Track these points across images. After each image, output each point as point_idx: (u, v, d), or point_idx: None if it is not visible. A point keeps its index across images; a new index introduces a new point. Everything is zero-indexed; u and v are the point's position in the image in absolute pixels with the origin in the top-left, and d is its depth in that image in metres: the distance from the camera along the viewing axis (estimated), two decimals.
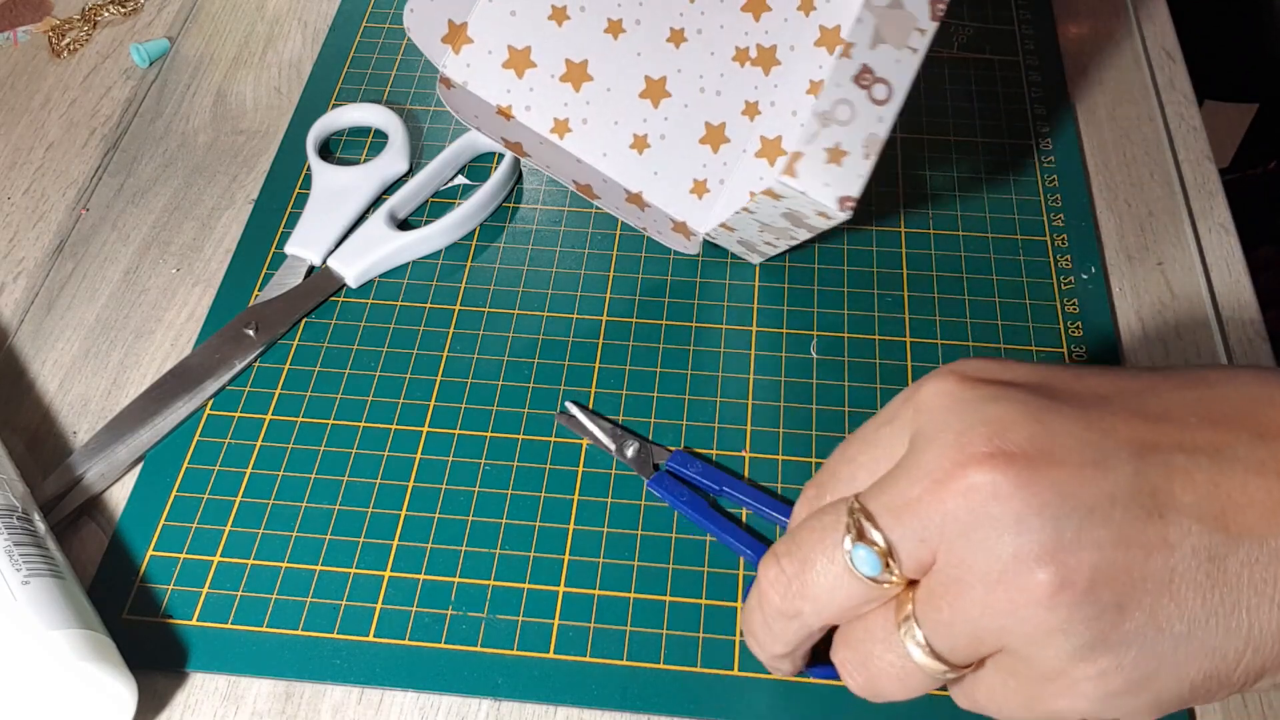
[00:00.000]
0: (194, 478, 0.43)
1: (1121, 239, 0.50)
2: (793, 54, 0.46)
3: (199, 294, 0.49)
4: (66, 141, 0.56)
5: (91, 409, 0.45)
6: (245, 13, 0.62)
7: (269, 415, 0.44)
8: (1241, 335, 0.47)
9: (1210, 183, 0.52)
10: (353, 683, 0.38)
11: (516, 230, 0.51)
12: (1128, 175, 0.53)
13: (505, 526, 0.41)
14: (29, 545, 0.37)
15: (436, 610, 0.39)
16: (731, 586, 0.40)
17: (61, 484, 0.42)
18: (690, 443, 0.43)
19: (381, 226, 0.49)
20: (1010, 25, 0.59)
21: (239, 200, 0.53)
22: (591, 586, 0.40)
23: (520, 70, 0.45)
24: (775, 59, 0.46)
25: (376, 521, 0.41)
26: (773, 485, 0.42)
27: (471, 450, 0.43)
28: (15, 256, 0.51)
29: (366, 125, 0.55)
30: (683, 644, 0.38)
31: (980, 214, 0.50)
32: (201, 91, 0.58)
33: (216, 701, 0.38)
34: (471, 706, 0.38)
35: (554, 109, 0.46)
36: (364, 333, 0.47)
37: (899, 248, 0.49)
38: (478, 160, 0.53)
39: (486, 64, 0.45)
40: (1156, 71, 0.57)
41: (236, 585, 0.40)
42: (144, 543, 0.41)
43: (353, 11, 0.61)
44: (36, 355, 0.47)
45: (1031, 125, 0.54)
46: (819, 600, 0.29)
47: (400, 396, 0.45)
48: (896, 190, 0.51)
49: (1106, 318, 0.47)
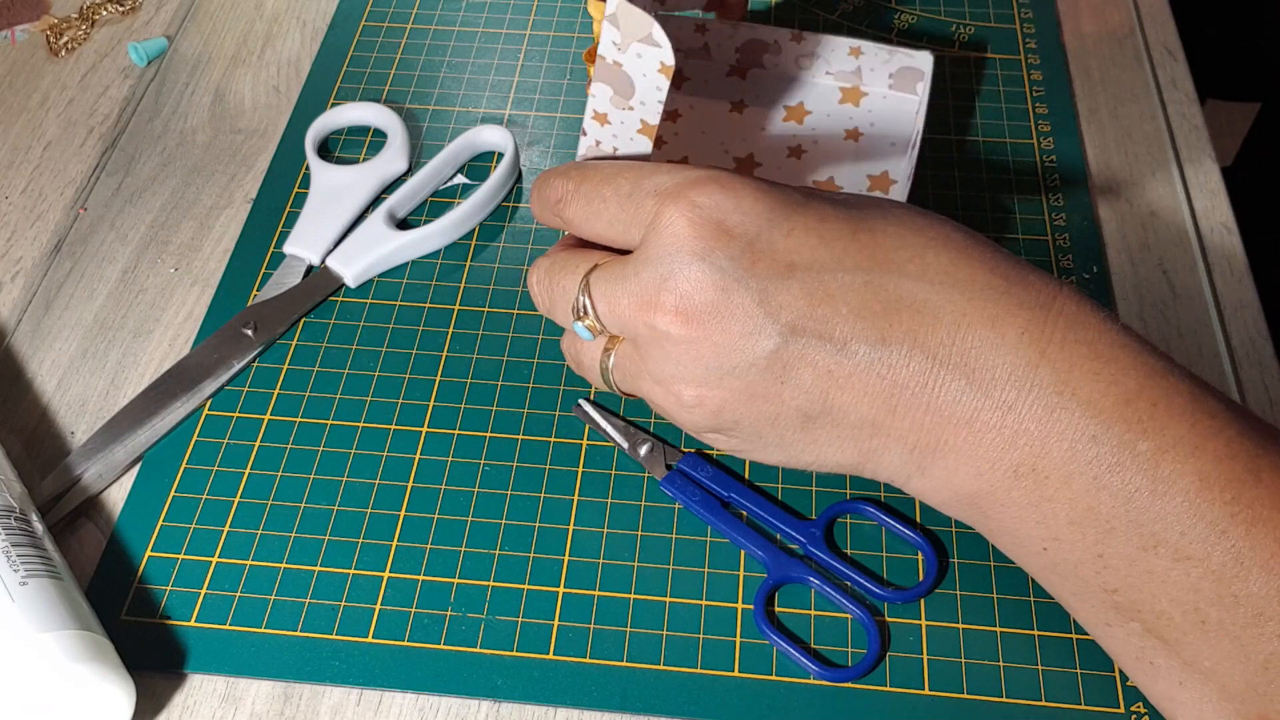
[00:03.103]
0: (192, 478, 0.43)
1: (1123, 238, 0.50)
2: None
3: (197, 293, 0.49)
4: (64, 140, 0.55)
5: (89, 409, 0.45)
6: (244, 11, 0.62)
7: (267, 415, 0.44)
8: (1244, 335, 0.46)
9: (1212, 182, 0.52)
10: (352, 684, 0.38)
11: (516, 230, 0.51)
12: (1130, 174, 0.52)
13: (505, 527, 0.41)
14: (27, 546, 0.37)
15: (436, 611, 0.39)
16: (732, 587, 0.40)
17: (59, 484, 0.42)
18: (690, 443, 0.43)
19: (380, 226, 0.49)
20: (1012, 24, 0.59)
21: (237, 199, 0.52)
22: (591, 587, 0.40)
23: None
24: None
25: (375, 522, 0.41)
26: (773, 486, 0.42)
27: (471, 450, 0.43)
28: (13, 256, 0.51)
29: (365, 124, 0.55)
30: (683, 645, 0.38)
31: (981, 213, 0.50)
32: (200, 90, 0.57)
33: (215, 703, 0.38)
34: (471, 708, 0.38)
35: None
36: (363, 332, 0.47)
37: None
38: (477, 160, 0.53)
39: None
40: (1158, 70, 0.57)
41: (235, 586, 0.40)
42: (142, 543, 0.41)
43: (352, 10, 0.60)
44: (34, 355, 0.47)
45: (1033, 124, 0.54)
46: (558, 318, 0.39)
47: (399, 397, 0.45)
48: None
49: None
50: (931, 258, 0.34)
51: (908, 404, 0.33)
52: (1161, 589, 0.31)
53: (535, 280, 0.39)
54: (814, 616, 0.39)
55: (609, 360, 0.38)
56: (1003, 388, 0.32)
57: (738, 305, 0.34)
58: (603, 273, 0.37)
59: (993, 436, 0.32)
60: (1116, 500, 0.31)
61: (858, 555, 0.40)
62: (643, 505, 0.42)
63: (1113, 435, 0.31)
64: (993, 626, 0.39)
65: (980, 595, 0.39)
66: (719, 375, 0.34)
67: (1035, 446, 0.32)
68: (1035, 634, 0.38)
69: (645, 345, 0.36)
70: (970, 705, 0.37)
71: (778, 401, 0.34)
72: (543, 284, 0.39)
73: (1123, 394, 0.32)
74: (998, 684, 0.37)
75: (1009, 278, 0.33)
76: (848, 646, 0.38)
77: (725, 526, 0.40)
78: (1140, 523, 0.31)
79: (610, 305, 0.36)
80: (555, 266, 0.39)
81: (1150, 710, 0.37)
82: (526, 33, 0.59)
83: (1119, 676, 0.37)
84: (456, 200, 0.51)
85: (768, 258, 0.34)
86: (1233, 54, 0.92)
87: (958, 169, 0.52)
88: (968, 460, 0.33)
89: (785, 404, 0.34)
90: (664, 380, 0.36)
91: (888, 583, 0.40)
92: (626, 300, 0.35)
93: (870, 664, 0.37)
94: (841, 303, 0.33)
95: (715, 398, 0.35)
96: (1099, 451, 0.31)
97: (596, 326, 0.37)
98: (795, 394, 0.34)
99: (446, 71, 0.57)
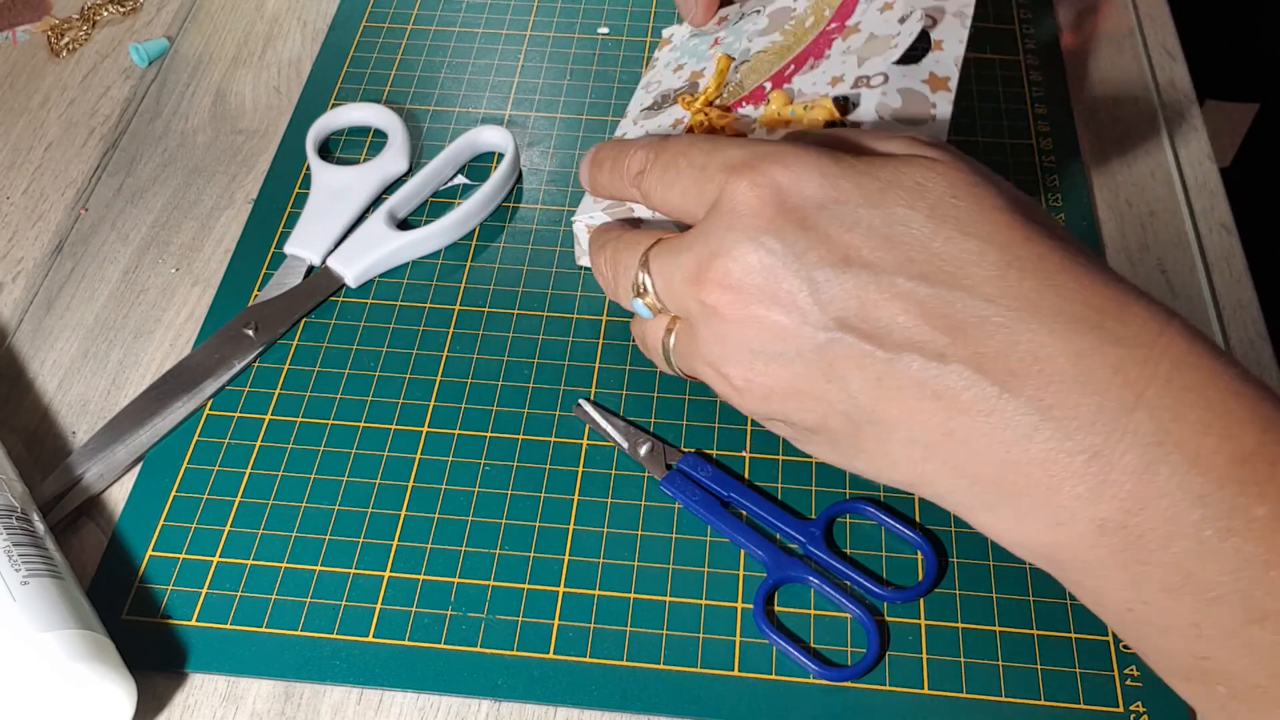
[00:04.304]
0: (193, 478, 0.43)
1: (1122, 239, 0.50)
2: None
3: (198, 294, 0.49)
4: (65, 141, 0.55)
5: (91, 409, 0.45)
6: (244, 12, 0.62)
7: (268, 415, 0.44)
8: (1243, 335, 0.47)
9: (1211, 182, 0.52)
10: (352, 683, 0.38)
11: (516, 230, 0.51)
12: (1129, 175, 0.52)
13: (505, 527, 0.41)
14: (28, 545, 0.37)
15: (436, 611, 0.39)
16: (731, 587, 0.40)
17: (61, 484, 0.42)
18: (690, 443, 0.43)
19: (381, 226, 0.49)
20: (1011, 24, 0.59)
21: (238, 200, 0.52)
22: (591, 587, 0.40)
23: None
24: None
25: (376, 522, 0.41)
26: (773, 486, 0.42)
27: (471, 450, 0.43)
28: (14, 256, 0.51)
29: (366, 125, 0.55)
30: (683, 644, 0.38)
31: None
32: (201, 91, 0.58)
33: (216, 702, 0.38)
34: (471, 707, 0.38)
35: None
36: (363, 333, 0.47)
37: None
38: (477, 160, 0.53)
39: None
40: (1157, 71, 0.57)
41: (236, 585, 0.40)
42: (143, 543, 0.41)
43: (352, 10, 0.61)
44: (35, 355, 0.47)
45: (1032, 125, 0.54)
46: (620, 298, 0.39)
47: (400, 396, 0.45)
48: None
49: None
50: (1014, 279, 0.30)
51: (966, 432, 0.30)
52: (1262, 663, 0.28)
53: (602, 260, 0.39)
54: (814, 616, 0.39)
55: (670, 340, 0.38)
56: (1087, 431, 0.29)
57: (785, 291, 0.32)
58: (661, 248, 0.36)
59: (1074, 484, 0.29)
60: (1224, 569, 0.28)
61: (857, 555, 0.40)
62: (643, 505, 0.42)
63: (1223, 497, 0.28)
64: (992, 626, 0.39)
65: (980, 595, 0.39)
66: (765, 360, 0.33)
67: (1127, 502, 0.28)
68: (1034, 633, 0.38)
69: (698, 323, 0.35)
70: (970, 704, 0.37)
71: (824, 400, 0.33)
72: (609, 263, 0.39)
73: (1237, 451, 0.28)
74: (997, 683, 0.37)
75: (1104, 309, 0.30)
76: (847, 646, 0.38)
77: (725, 526, 0.40)
78: (1249, 594, 0.28)
79: (666, 281, 0.36)
80: (620, 244, 0.39)
81: (1150, 710, 0.37)
82: (526, 33, 0.59)
83: (1118, 676, 0.38)
84: (457, 200, 0.52)
85: (822, 246, 0.32)
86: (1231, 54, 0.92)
87: None
88: (1043, 507, 0.30)
89: (832, 404, 0.33)
90: (714, 362, 0.35)
91: (887, 582, 0.40)
92: (680, 275, 0.35)
93: (870, 663, 0.37)
94: (900, 310, 0.31)
95: (762, 383, 0.34)
96: (1206, 514, 0.28)
97: (656, 304, 0.37)
98: (841, 396, 0.32)
99: (447, 72, 0.57)
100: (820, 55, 0.46)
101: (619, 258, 0.38)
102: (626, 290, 0.38)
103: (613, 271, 0.39)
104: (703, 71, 0.49)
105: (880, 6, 0.45)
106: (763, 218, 0.33)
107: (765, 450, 0.43)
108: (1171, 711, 0.37)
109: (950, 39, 0.44)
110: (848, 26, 0.46)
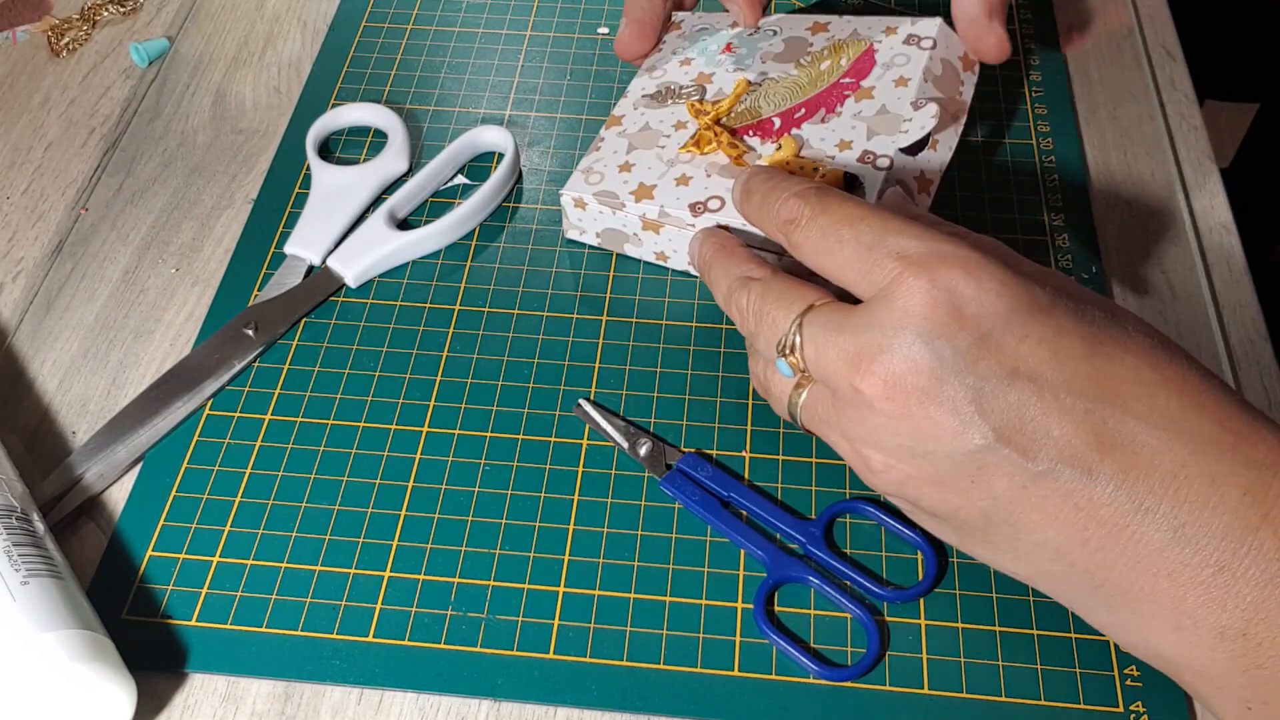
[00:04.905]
0: (193, 478, 0.43)
1: (1122, 239, 0.50)
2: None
3: (198, 294, 0.49)
4: (65, 141, 0.55)
5: (91, 409, 0.45)
6: (245, 12, 0.62)
7: (268, 415, 0.44)
8: (1242, 335, 0.47)
9: (1211, 182, 0.52)
10: (352, 683, 0.38)
11: (516, 230, 0.51)
12: (1128, 175, 0.52)
13: (505, 527, 0.41)
14: (28, 545, 0.37)
15: (436, 611, 0.39)
16: (731, 587, 0.40)
17: (60, 484, 0.42)
18: (690, 443, 0.43)
19: (381, 226, 0.49)
20: (1011, 24, 0.59)
21: (238, 200, 0.52)
22: (591, 587, 0.40)
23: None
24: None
25: (376, 522, 0.41)
26: (773, 486, 0.42)
27: (471, 450, 0.43)
28: (14, 256, 0.51)
29: (366, 125, 0.55)
30: (683, 644, 0.38)
31: (980, 214, 0.50)
32: (201, 91, 0.58)
33: (216, 702, 0.38)
34: (471, 707, 0.38)
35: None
36: (363, 333, 0.47)
37: None
38: (477, 160, 0.53)
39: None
40: (1157, 71, 0.57)
41: (236, 585, 0.40)
42: (143, 543, 0.41)
43: (352, 11, 0.61)
44: (35, 355, 0.47)
45: (1032, 125, 0.54)
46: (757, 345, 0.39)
47: (400, 396, 0.45)
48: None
49: None
50: (1162, 400, 0.32)
51: (1101, 541, 0.32)
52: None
53: (745, 303, 0.39)
54: (814, 616, 0.39)
55: (800, 397, 0.38)
56: (1216, 547, 0.31)
57: (949, 397, 0.33)
58: (819, 317, 0.36)
59: (1199, 594, 0.31)
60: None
61: (857, 555, 0.40)
62: (642, 505, 0.42)
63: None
64: (992, 626, 0.39)
65: (979, 595, 0.39)
66: (911, 455, 0.34)
67: (1249, 612, 0.30)
68: (1034, 633, 0.38)
69: (844, 402, 0.35)
70: (969, 705, 0.37)
71: (964, 496, 0.34)
72: (753, 308, 0.38)
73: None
74: (997, 683, 0.37)
75: (1239, 432, 0.32)
76: (847, 646, 0.38)
77: (725, 526, 0.40)
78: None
79: (819, 352, 0.35)
80: (770, 295, 0.38)
81: (1150, 710, 0.37)
82: (526, 33, 0.59)
83: (1118, 676, 0.38)
84: (457, 200, 0.52)
85: (993, 357, 0.33)
86: (1231, 54, 0.92)
87: (957, 170, 0.52)
88: (1166, 613, 0.32)
89: (970, 501, 0.34)
90: (854, 440, 0.35)
91: (887, 582, 0.40)
92: (836, 354, 0.35)
93: (870, 663, 0.37)
94: (1056, 425, 0.32)
95: (902, 472, 0.35)
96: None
97: (800, 366, 0.37)
98: (983, 496, 0.33)
99: (447, 72, 0.57)
100: (831, 109, 0.47)
101: (767, 310, 0.38)
102: (768, 343, 0.38)
103: (756, 320, 0.38)
104: (711, 77, 0.50)
105: (895, 79, 0.46)
106: (937, 323, 0.33)
107: (765, 450, 0.43)
108: (1171, 712, 0.37)
109: (944, 145, 0.46)
110: (862, 87, 0.47)
